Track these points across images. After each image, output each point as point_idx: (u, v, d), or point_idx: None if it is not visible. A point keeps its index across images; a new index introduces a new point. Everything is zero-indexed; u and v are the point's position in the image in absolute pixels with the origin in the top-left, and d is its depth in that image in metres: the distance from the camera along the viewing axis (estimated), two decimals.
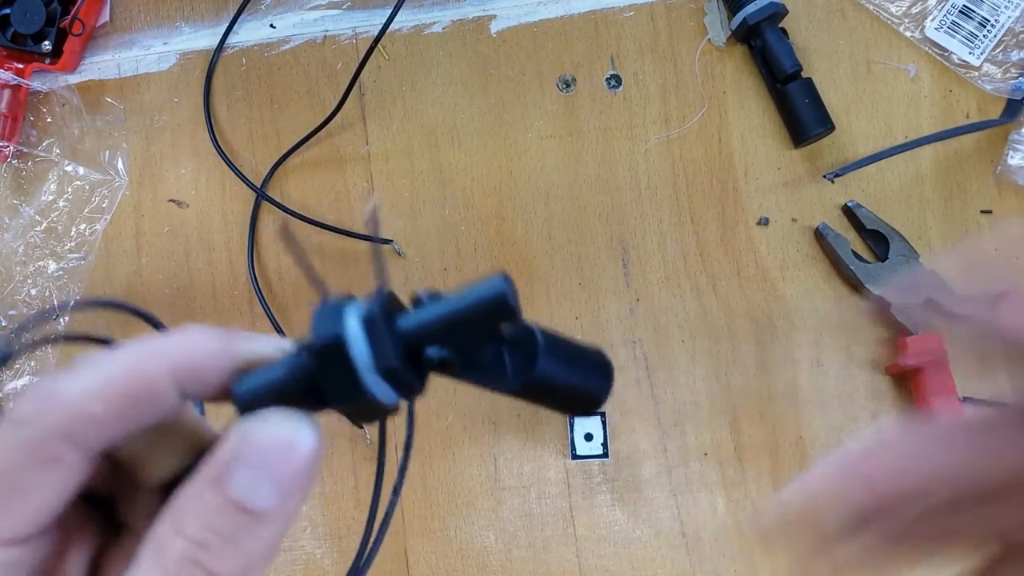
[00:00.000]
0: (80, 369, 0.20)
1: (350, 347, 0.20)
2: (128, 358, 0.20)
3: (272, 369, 0.21)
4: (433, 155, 0.57)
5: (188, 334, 0.21)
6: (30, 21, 0.57)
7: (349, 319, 0.20)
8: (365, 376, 0.20)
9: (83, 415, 0.19)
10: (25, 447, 0.19)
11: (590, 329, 0.54)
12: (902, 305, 0.25)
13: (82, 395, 0.20)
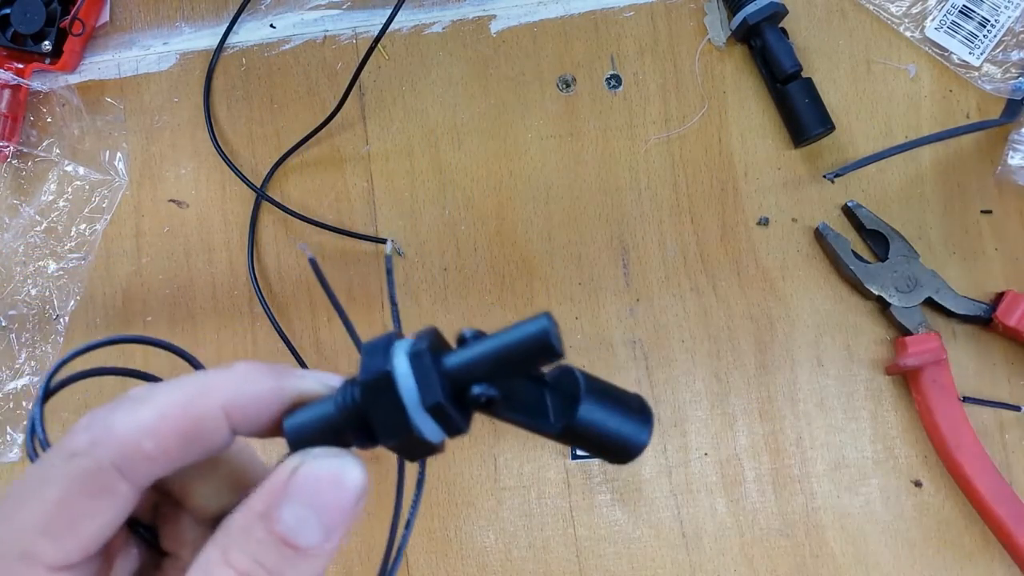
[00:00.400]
0: (134, 402, 0.20)
1: (398, 383, 0.20)
2: (181, 394, 0.21)
3: (321, 405, 0.21)
4: (433, 155, 0.57)
5: (239, 371, 0.21)
6: (30, 21, 0.57)
7: (397, 356, 0.20)
8: (413, 413, 0.20)
9: (136, 451, 0.20)
10: (79, 478, 0.19)
11: (590, 329, 0.54)
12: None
13: (136, 430, 0.20)
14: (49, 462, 0.20)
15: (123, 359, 0.56)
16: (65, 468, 0.20)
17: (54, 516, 0.19)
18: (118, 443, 0.20)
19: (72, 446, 0.20)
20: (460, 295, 0.55)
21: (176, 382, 0.21)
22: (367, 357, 0.21)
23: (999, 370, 0.52)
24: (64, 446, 0.20)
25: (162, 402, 0.20)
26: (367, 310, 0.56)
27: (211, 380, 0.21)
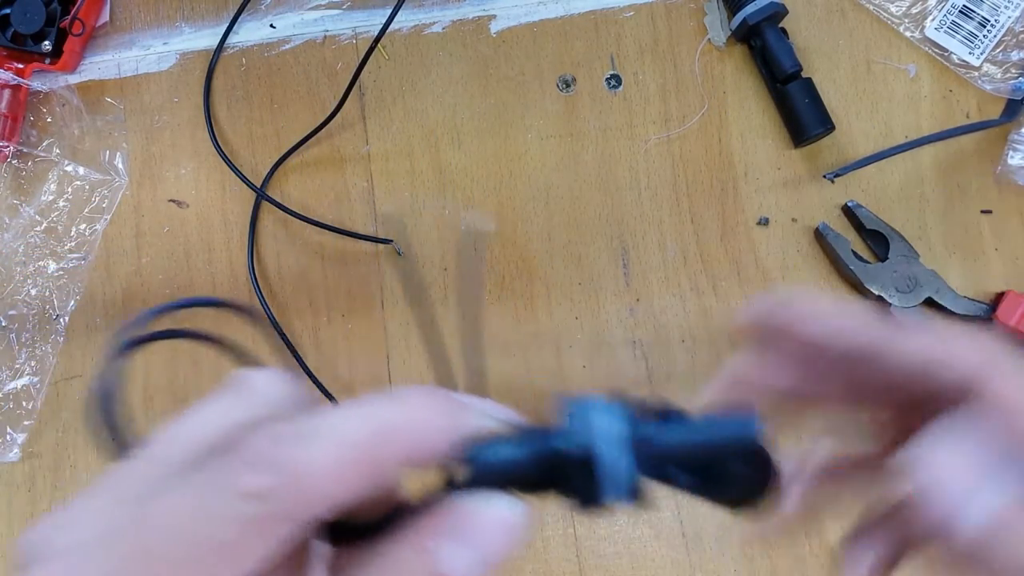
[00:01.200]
0: (314, 438, 0.19)
1: (602, 464, 0.21)
2: (364, 435, 0.19)
3: (505, 448, 0.21)
4: (433, 155, 0.57)
5: (417, 406, 0.20)
6: (30, 21, 0.57)
7: (602, 433, 0.21)
8: (608, 493, 0.21)
9: (320, 497, 0.19)
10: (254, 523, 0.18)
11: (590, 329, 0.54)
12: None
13: (321, 477, 0.18)
14: (218, 496, 0.18)
15: None
16: (240, 509, 0.18)
17: (220, 558, 0.18)
18: (301, 491, 0.18)
19: (248, 486, 0.18)
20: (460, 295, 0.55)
21: (355, 416, 0.20)
22: (570, 419, 0.21)
23: None
24: (237, 482, 0.18)
25: (349, 443, 0.19)
26: (367, 310, 0.56)
27: (394, 420, 0.20)
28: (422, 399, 0.20)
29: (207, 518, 0.18)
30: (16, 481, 0.56)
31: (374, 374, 0.55)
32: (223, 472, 0.18)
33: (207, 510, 0.18)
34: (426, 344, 0.26)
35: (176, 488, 0.19)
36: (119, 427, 0.23)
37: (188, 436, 0.21)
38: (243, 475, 0.18)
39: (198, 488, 0.18)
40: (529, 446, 0.21)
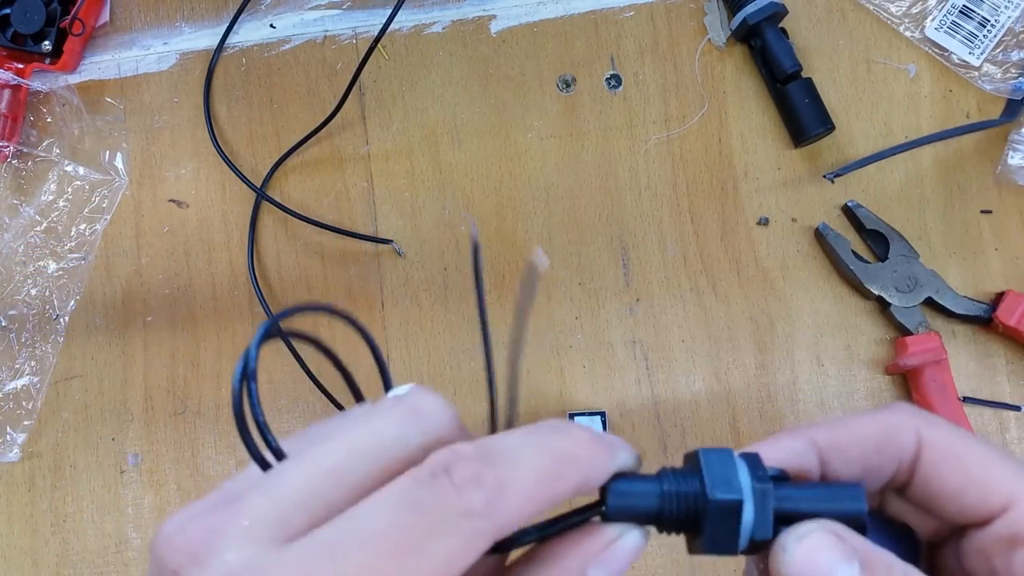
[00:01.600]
0: (512, 460, 0.21)
1: (744, 516, 0.22)
2: (555, 462, 0.21)
3: (643, 485, 0.23)
4: (433, 155, 0.57)
5: (587, 442, 0.22)
6: (30, 21, 0.57)
7: (746, 487, 0.23)
8: (742, 541, 0.23)
9: (519, 516, 0.20)
10: (472, 538, 0.20)
11: (590, 329, 0.54)
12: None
13: (526, 496, 0.20)
14: (439, 513, 0.19)
15: (123, 342, 0.56)
16: (462, 526, 0.19)
17: (441, 571, 0.19)
18: (510, 512, 0.20)
19: (467, 505, 0.19)
20: (460, 295, 0.55)
21: (537, 442, 0.22)
22: (711, 469, 0.23)
23: (999, 370, 0.52)
24: (455, 501, 0.19)
25: (541, 467, 0.21)
26: (367, 310, 0.56)
27: (572, 448, 0.22)
28: (584, 432, 0.23)
29: (431, 534, 0.19)
30: (16, 481, 0.56)
31: (374, 374, 0.55)
32: (440, 492, 0.20)
33: (432, 526, 0.19)
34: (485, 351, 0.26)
35: (393, 508, 0.20)
36: (263, 430, 0.22)
37: (350, 448, 0.21)
38: (460, 494, 0.19)
39: (415, 507, 0.19)
40: (677, 488, 0.23)
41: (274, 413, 0.55)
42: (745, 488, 0.22)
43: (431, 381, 0.55)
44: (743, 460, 0.23)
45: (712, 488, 0.22)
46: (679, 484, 0.23)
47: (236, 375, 0.22)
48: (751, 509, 0.22)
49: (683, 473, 0.23)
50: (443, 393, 0.50)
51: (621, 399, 0.53)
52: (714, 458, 0.23)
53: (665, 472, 0.24)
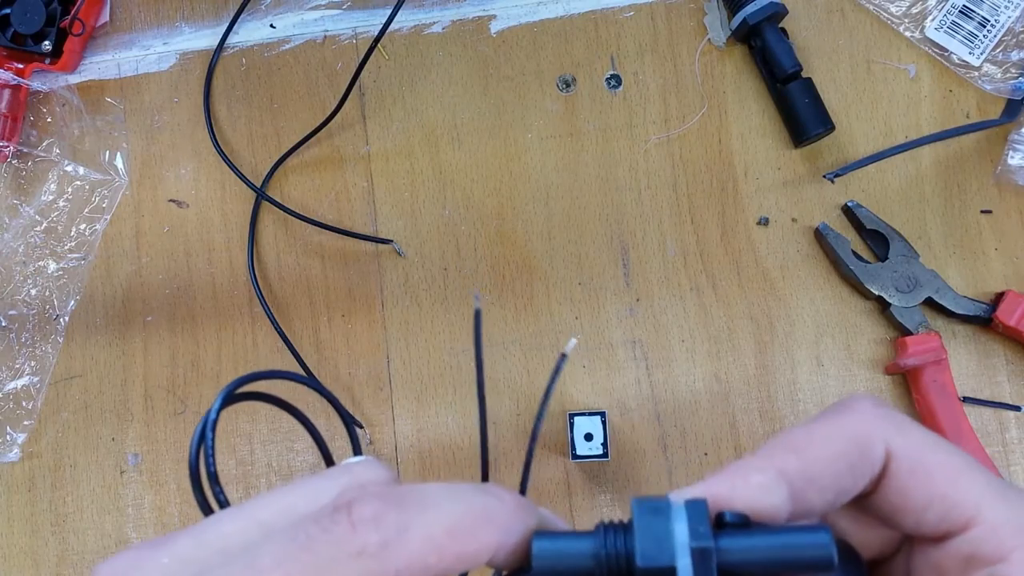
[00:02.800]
0: (421, 506, 0.20)
1: (673, 517, 0.20)
2: (469, 516, 0.20)
3: (574, 542, 0.21)
4: (433, 155, 0.57)
5: (512, 505, 0.21)
6: (30, 21, 0.57)
7: (680, 551, 0.20)
8: (678, 545, 0.20)
9: (421, 564, 0.19)
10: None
11: (590, 329, 0.54)
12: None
13: (428, 545, 0.19)
14: (328, 551, 0.19)
15: (123, 348, 0.57)
16: (349, 566, 0.18)
17: None
18: (410, 554, 0.19)
19: (360, 544, 0.19)
20: (460, 295, 0.55)
21: (456, 496, 0.20)
22: (643, 527, 0.21)
23: (999, 370, 0.52)
24: (348, 540, 0.19)
25: (452, 518, 0.20)
26: (367, 310, 0.56)
27: (492, 507, 0.21)
28: (510, 496, 0.21)
29: (318, 570, 0.18)
30: (16, 481, 0.56)
31: (374, 374, 0.55)
32: (333, 529, 0.19)
33: (318, 563, 0.18)
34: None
35: (281, 542, 0.19)
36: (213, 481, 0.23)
37: (285, 504, 0.21)
38: (354, 532, 0.19)
39: (306, 542, 0.19)
40: (608, 547, 0.21)
41: (274, 414, 0.55)
42: (680, 549, 0.20)
43: (431, 381, 0.55)
44: (683, 512, 0.21)
45: (642, 553, 0.20)
46: (611, 543, 0.21)
47: (195, 436, 0.23)
48: (688, 572, 0.20)
49: (619, 529, 0.21)
50: (443, 393, 0.51)
51: (621, 399, 0.53)
52: (648, 513, 0.21)
53: (599, 528, 0.22)
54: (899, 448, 0.22)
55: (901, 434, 0.22)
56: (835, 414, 0.23)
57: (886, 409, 0.23)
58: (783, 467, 0.22)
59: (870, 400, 0.24)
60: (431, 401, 0.54)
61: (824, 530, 0.21)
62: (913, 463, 0.22)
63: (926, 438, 0.23)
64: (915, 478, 0.22)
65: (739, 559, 0.20)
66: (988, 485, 0.22)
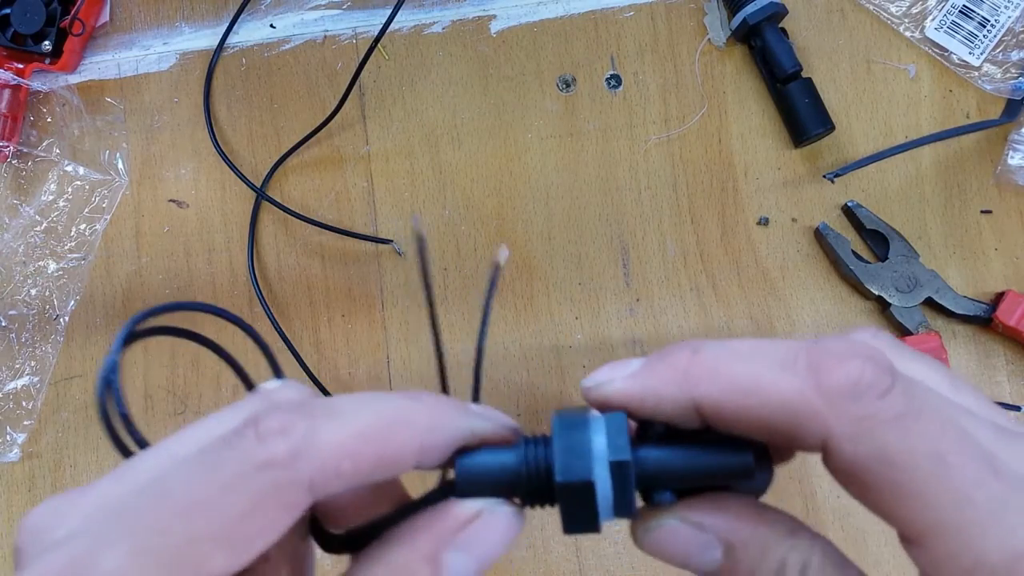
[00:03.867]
0: (333, 415, 0.19)
1: (598, 494, 0.20)
2: (382, 418, 0.20)
3: (500, 455, 0.21)
4: (433, 155, 0.57)
5: (429, 404, 0.21)
6: (30, 21, 0.57)
7: (598, 460, 0.20)
8: (603, 515, 0.20)
9: (334, 470, 0.19)
10: (270, 492, 0.18)
11: (590, 329, 0.54)
12: None
13: (338, 449, 0.19)
14: (233, 467, 0.18)
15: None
16: (256, 479, 0.18)
17: (236, 528, 0.18)
18: (320, 460, 0.18)
19: (266, 455, 0.18)
20: (460, 295, 0.55)
21: (371, 402, 0.20)
22: (563, 441, 0.21)
23: (999, 370, 0.52)
24: (253, 452, 0.18)
25: (364, 422, 0.19)
26: (367, 310, 0.56)
27: (409, 409, 0.20)
28: (432, 397, 0.21)
29: (223, 488, 0.18)
30: (16, 481, 0.56)
31: (374, 374, 0.55)
32: (239, 445, 0.18)
33: (223, 480, 0.18)
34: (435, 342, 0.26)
35: (189, 466, 0.19)
36: (126, 422, 0.23)
37: (199, 434, 0.21)
38: (261, 444, 0.18)
39: (213, 462, 0.18)
40: (526, 455, 0.21)
41: None
42: (599, 463, 0.20)
43: (431, 381, 0.55)
44: (602, 425, 0.21)
45: (561, 468, 0.20)
46: (532, 457, 0.21)
47: (100, 381, 0.22)
48: (608, 487, 0.20)
49: (540, 443, 0.21)
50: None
51: None
52: (567, 427, 0.21)
53: (521, 442, 0.22)
54: (845, 454, 0.19)
55: (855, 441, 0.19)
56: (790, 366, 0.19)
57: (858, 400, 0.19)
58: (697, 396, 0.20)
59: (851, 372, 0.19)
60: None
61: (745, 445, 0.21)
62: (854, 472, 0.19)
63: (886, 446, 0.18)
64: (856, 484, 0.19)
65: (658, 469, 0.21)
66: (953, 511, 0.18)
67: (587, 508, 0.20)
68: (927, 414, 0.19)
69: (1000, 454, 0.19)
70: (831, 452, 0.19)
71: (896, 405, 0.18)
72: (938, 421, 0.19)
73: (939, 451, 0.18)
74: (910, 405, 0.19)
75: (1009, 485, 0.18)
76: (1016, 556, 0.17)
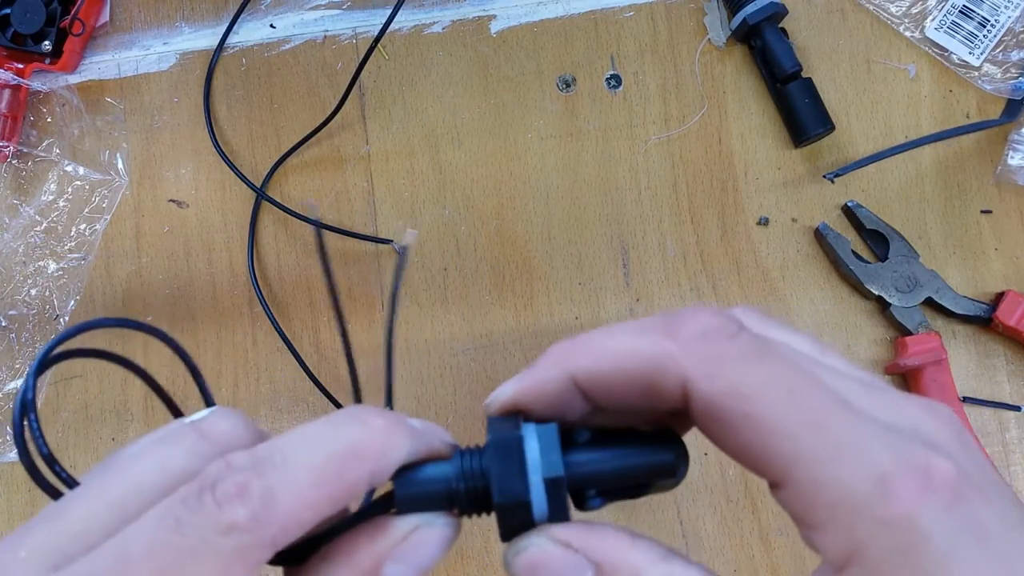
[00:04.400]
0: (284, 465, 0.19)
1: (526, 447, 0.21)
2: (333, 457, 0.20)
3: (436, 468, 0.22)
4: (433, 155, 0.57)
5: (380, 430, 0.21)
6: (30, 21, 0.57)
7: (528, 428, 0.22)
8: (532, 477, 0.21)
9: (296, 523, 0.19)
10: (236, 555, 0.18)
11: (590, 329, 0.54)
12: None
13: (298, 505, 0.19)
14: (197, 532, 0.18)
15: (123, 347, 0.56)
16: (221, 544, 0.18)
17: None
18: (281, 521, 0.19)
19: (228, 520, 0.18)
20: (460, 295, 0.55)
21: (317, 439, 0.20)
22: (495, 427, 0.22)
23: (999, 370, 0.52)
24: (215, 517, 0.18)
25: (317, 467, 0.19)
26: (367, 310, 0.56)
27: (357, 440, 0.20)
28: (379, 419, 0.21)
29: (189, 554, 0.18)
30: (16, 481, 0.56)
31: (374, 374, 0.55)
32: (200, 510, 0.18)
33: (188, 546, 0.18)
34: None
35: (153, 530, 0.19)
36: (49, 460, 0.22)
37: (133, 480, 0.20)
38: (221, 510, 0.18)
39: (174, 526, 0.18)
40: (461, 462, 0.22)
41: (275, 414, 0.55)
42: (534, 479, 0.21)
43: (431, 382, 0.55)
44: (534, 438, 0.22)
45: (498, 489, 0.21)
46: (470, 468, 0.22)
47: (15, 410, 0.22)
48: (543, 499, 0.21)
49: (476, 453, 0.22)
50: (443, 394, 0.51)
51: None
52: (501, 443, 0.21)
53: (457, 455, 0.22)
54: (700, 392, 0.20)
55: (708, 378, 0.19)
56: (648, 330, 0.21)
57: (707, 340, 0.20)
58: (572, 370, 0.22)
59: (699, 321, 0.20)
60: (430, 402, 0.54)
61: (670, 443, 0.22)
62: (713, 411, 0.20)
63: (737, 381, 0.19)
64: (717, 426, 0.20)
65: (588, 474, 0.22)
66: (808, 438, 0.18)
67: (524, 521, 0.21)
68: (777, 357, 0.20)
69: (854, 399, 0.19)
70: (690, 396, 0.20)
71: (745, 346, 0.20)
72: (788, 363, 0.20)
73: (788, 384, 0.19)
74: (759, 348, 0.20)
75: (863, 418, 0.18)
76: (879, 481, 0.17)
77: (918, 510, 0.17)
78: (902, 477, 0.17)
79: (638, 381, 0.21)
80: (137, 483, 0.20)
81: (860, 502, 0.17)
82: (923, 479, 0.17)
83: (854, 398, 0.19)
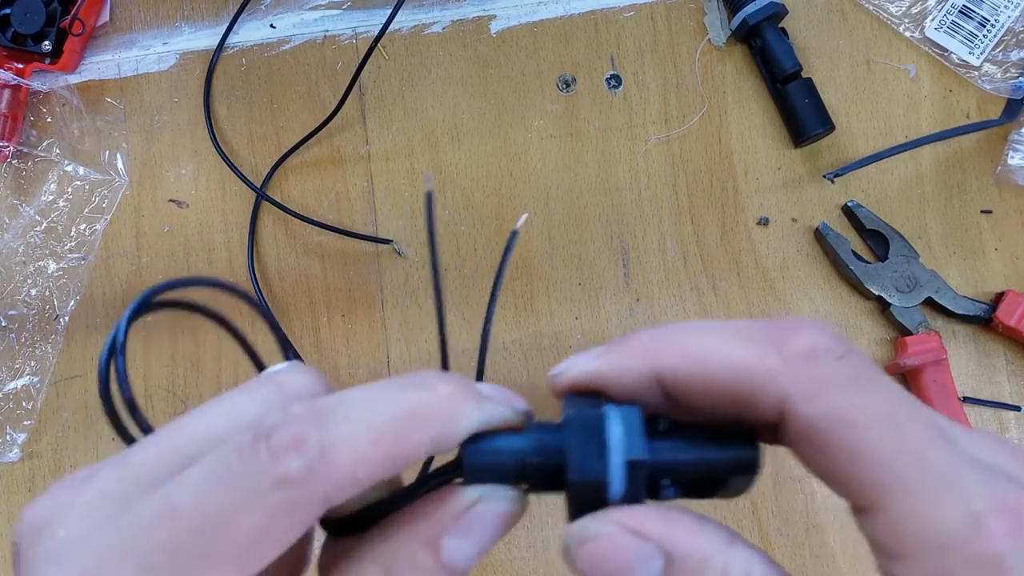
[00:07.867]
0: (346, 418, 0.19)
1: (609, 426, 0.20)
2: (395, 417, 0.19)
3: (508, 440, 0.21)
4: (433, 155, 0.57)
5: (445, 394, 0.20)
6: (30, 21, 0.57)
7: (611, 408, 0.21)
8: (613, 457, 0.20)
9: (350, 480, 0.18)
10: (286, 510, 0.18)
11: (590, 329, 0.54)
12: None
13: (354, 461, 0.18)
14: (247, 483, 0.18)
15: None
16: (271, 497, 0.17)
17: (249, 546, 0.18)
18: (336, 477, 0.18)
19: (281, 472, 0.17)
20: (460, 295, 0.55)
21: (383, 397, 0.19)
22: (574, 403, 0.21)
23: (999, 370, 0.52)
24: (267, 469, 0.18)
25: (378, 425, 0.19)
26: (367, 310, 0.56)
27: (423, 403, 0.20)
28: (446, 385, 0.20)
29: (237, 506, 0.18)
30: (16, 481, 0.56)
31: (374, 374, 0.55)
32: (253, 459, 0.18)
33: (237, 498, 0.18)
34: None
35: (198, 478, 0.18)
36: (131, 406, 0.22)
37: (205, 426, 0.20)
38: (275, 461, 0.18)
39: (224, 477, 0.18)
40: (536, 437, 0.21)
41: None
42: (615, 460, 0.20)
43: None
44: (619, 419, 0.21)
45: (575, 466, 0.20)
46: (546, 441, 0.21)
47: (104, 351, 0.22)
48: (621, 482, 0.20)
49: (552, 429, 0.21)
50: None
51: None
52: (581, 419, 0.21)
53: (532, 428, 0.21)
54: (801, 414, 0.19)
55: (810, 400, 0.19)
56: (748, 338, 0.20)
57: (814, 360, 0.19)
58: (660, 369, 0.21)
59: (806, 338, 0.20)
60: None
61: (751, 439, 0.21)
62: (811, 434, 0.19)
63: (842, 406, 0.19)
64: (812, 448, 0.19)
65: (669, 463, 0.21)
66: (908, 469, 0.18)
67: (597, 502, 0.20)
68: (882, 384, 0.19)
69: (952, 434, 0.19)
70: (788, 414, 0.19)
71: (851, 369, 0.19)
72: (892, 391, 0.19)
73: (892, 413, 0.18)
74: (864, 372, 0.19)
75: (962, 455, 0.18)
76: (972, 519, 0.17)
77: (1008, 550, 0.17)
78: (996, 517, 0.17)
79: (730, 390, 0.20)
80: (208, 429, 0.20)
81: (953, 538, 0.17)
82: (1015, 520, 0.17)
83: (952, 433, 0.19)
